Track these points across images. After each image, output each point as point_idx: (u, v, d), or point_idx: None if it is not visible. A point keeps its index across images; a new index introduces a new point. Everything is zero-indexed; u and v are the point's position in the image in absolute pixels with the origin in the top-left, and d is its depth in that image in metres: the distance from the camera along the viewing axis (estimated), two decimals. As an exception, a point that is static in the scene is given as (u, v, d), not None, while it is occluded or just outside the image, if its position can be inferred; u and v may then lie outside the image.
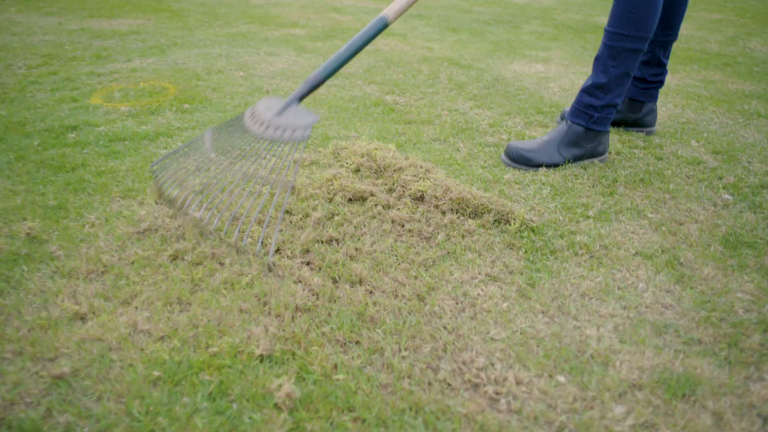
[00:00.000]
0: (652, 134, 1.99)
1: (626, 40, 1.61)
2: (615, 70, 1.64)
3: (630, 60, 1.63)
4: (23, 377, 0.86)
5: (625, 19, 1.60)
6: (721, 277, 1.18)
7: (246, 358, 0.91)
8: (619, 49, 1.62)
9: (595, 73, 1.67)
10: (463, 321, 1.02)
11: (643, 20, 1.59)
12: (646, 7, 1.58)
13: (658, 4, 1.59)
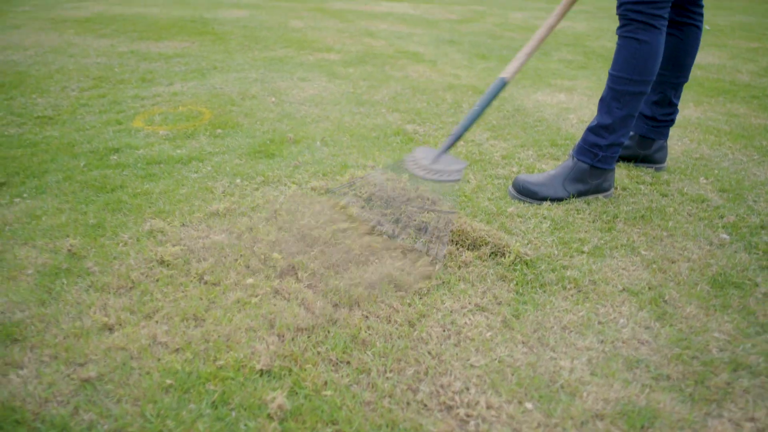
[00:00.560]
0: (661, 170, 2.04)
1: (629, 84, 1.68)
2: (619, 111, 1.71)
3: (633, 102, 1.70)
4: (57, 379, 0.99)
5: (629, 64, 1.67)
6: (702, 316, 1.24)
7: (248, 371, 1.03)
8: (622, 92, 1.70)
9: (600, 114, 1.74)
10: (447, 347, 1.11)
11: (645, 66, 1.67)
12: (648, 53, 1.66)
13: (660, 51, 1.67)
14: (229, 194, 1.72)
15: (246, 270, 1.33)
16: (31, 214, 1.58)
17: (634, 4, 1.63)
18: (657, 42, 1.66)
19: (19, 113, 2.44)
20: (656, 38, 1.66)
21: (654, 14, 1.63)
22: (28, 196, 1.69)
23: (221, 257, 1.38)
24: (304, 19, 5.42)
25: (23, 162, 1.92)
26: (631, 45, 1.67)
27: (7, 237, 1.46)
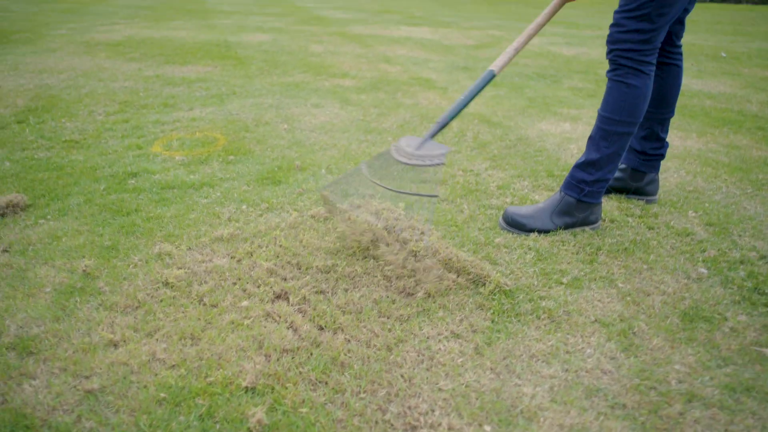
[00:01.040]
0: (652, 203, 2.10)
1: (618, 125, 1.77)
2: (606, 150, 1.79)
3: (620, 141, 1.79)
4: (64, 389, 1.11)
5: (618, 106, 1.76)
6: (668, 348, 1.31)
7: (234, 388, 1.13)
8: (611, 132, 1.78)
9: (588, 151, 1.83)
10: (419, 371, 1.20)
11: (633, 108, 1.75)
12: (637, 97, 1.74)
13: (647, 94, 1.75)
14: (234, 220, 1.84)
15: (242, 293, 1.45)
16: (53, 235, 1.72)
17: (625, 51, 1.71)
18: (645, 86, 1.75)
19: (49, 137, 2.61)
20: (645, 83, 1.74)
21: (643, 60, 1.72)
22: (52, 218, 1.83)
23: (221, 281, 1.50)
24: (324, 43, 5.60)
25: (49, 185, 2.07)
26: (620, 88, 1.75)
27: (30, 256, 1.60)
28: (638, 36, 1.68)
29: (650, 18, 1.65)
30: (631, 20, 1.68)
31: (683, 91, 3.96)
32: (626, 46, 1.71)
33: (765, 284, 1.57)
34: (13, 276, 1.50)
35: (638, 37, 1.68)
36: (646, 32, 1.67)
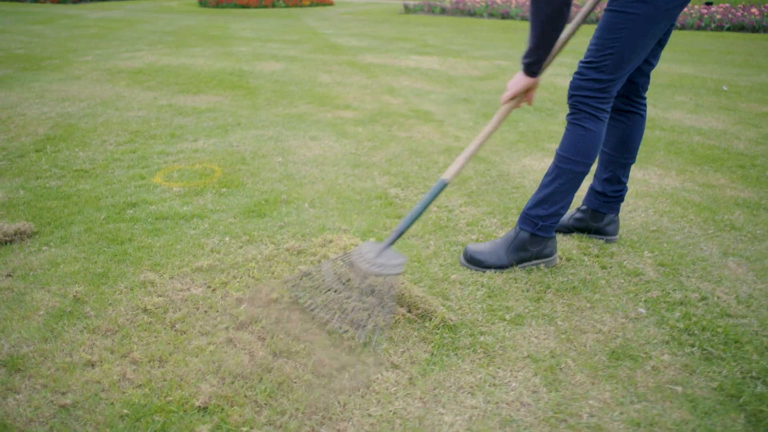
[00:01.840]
0: (612, 242, 2.22)
1: (573, 164, 1.91)
2: (560, 186, 1.94)
3: (575, 180, 1.93)
4: (42, 403, 1.29)
5: (574, 147, 1.91)
6: (588, 384, 1.43)
7: (188, 407, 1.29)
8: (566, 170, 1.92)
9: (543, 187, 1.97)
10: (355, 398, 1.35)
11: (588, 151, 1.90)
12: (592, 140, 1.89)
13: (601, 139, 1.90)
14: (216, 251, 2.02)
15: (211, 321, 1.61)
16: (53, 261, 1.92)
17: (584, 97, 1.87)
18: (600, 131, 1.89)
19: (62, 166, 2.84)
20: (599, 128, 1.89)
21: (599, 107, 1.87)
22: (54, 245, 2.03)
23: (194, 309, 1.67)
24: (333, 73, 5.83)
25: (56, 213, 2.28)
26: (578, 131, 1.90)
27: (30, 281, 1.79)
28: (596, 85, 1.84)
29: (608, 70, 1.80)
30: (591, 70, 1.83)
31: (674, 127, 4.07)
32: (585, 93, 1.86)
33: (696, 325, 1.68)
34: (13, 299, 1.69)
35: (596, 86, 1.84)
36: (603, 82, 1.83)
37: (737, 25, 11.46)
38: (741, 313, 1.76)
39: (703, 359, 1.54)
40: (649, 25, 1.76)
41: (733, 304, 1.81)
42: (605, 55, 1.80)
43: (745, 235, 2.32)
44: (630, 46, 1.77)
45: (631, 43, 1.77)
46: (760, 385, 1.44)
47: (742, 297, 1.85)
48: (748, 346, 1.59)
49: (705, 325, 1.68)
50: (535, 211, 1.97)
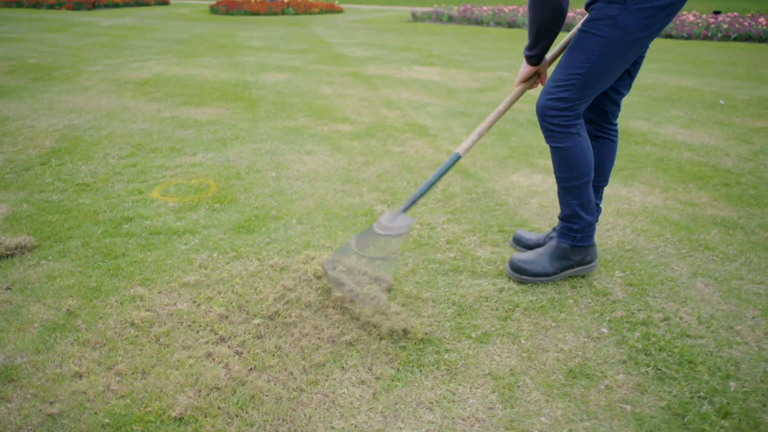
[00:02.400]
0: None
1: (572, 180, 2.01)
2: (574, 202, 2.04)
3: (582, 191, 2.03)
4: (31, 412, 1.40)
5: (564, 166, 2.01)
6: (543, 401, 1.52)
7: (165, 417, 1.40)
8: (569, 187, 2.03)
9: (561, 207, 2.09)
10: (320, 411, 1.45)
11: (576, 164, 1.99)
12: (574, 155, 1.98)
13: (582, 148, 1.97)
14: (204, 267, 2.13)
15: (194, 335, 1.72)
16: (50, 275, 2.04)
17: (552, 117, 1.96)
18: (577, 143, 1.98)
19: (65, 179, 2.97)
20: (575, 141, 1.97)
21: (567, 125, 1.96)
22: (52, 259, 2.15)
23: (178, 323, 1.78)
24: (335, 85, 5.94)
25: (56, 227, 2.41)
26: (557, 152, 2.00)
27: (27, 294, 1.91)
28: (561, 104, 1.92)
29: (575, 90, 1.89)
30: (557, 89, 1.93)
31: (665, 142, 4.13)
32: (551, 113, 1.95)
33: (654, 346, 1.76)
34: (10, 312, 1.81)
35: (561, 105, 1.92)
36: (569, 101, 1.92)
37: (744, 35, 11.45)
38: (700, 334, 1.84)
39: (656, 379, 1.62)
40: (619, 50, 1.84)
41: (694, 324, 1.89)
42: (573, 74, 1.88)
43: (718, 255, 2.39)
44: (598, 69, 1.86)
45: (600, 66, 1.86)
46: (706, 405, 1.52)
47: (703, 318, 1.93)
48: (701, 367, 1.67)
49: (663, 346, 1.76)
50: (568, 226, 2.08)
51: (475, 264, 2.23)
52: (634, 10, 1.77)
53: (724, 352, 1.75)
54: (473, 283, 2.09)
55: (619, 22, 1.79)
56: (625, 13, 1.78)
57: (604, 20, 1.82)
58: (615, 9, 1.80)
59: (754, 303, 2.01)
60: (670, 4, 1.78)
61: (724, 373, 1.65)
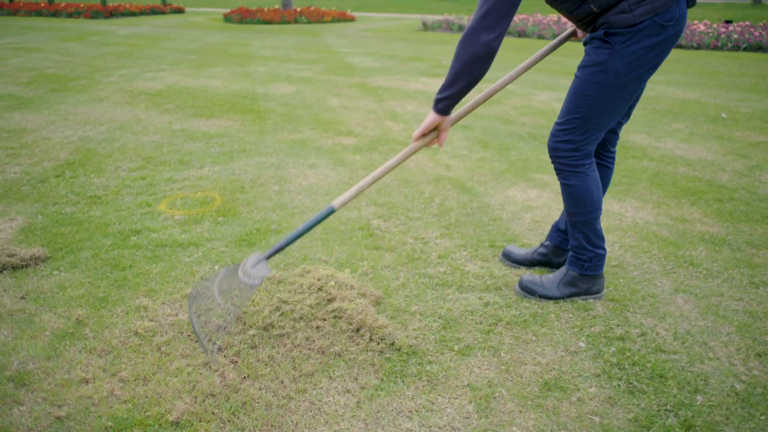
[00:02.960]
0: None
1: (579, 215, 2.10)
2: (581, 236, 2.13)
3: (589, 226, 2.11)
4: (41, 415, 1.52)
5: (572, 202, 2.09)
6: (517, 412, 1.62)
7: (163, 422, 1.51)
8: (576, 221, 2.12)
9: (570, 237, 2.17)
10: (306, 418, 1.56)
11: (584, 202, 2.07)
12: (581, 193, 2.06)
13: (591, 187, 2.05)
14: (205, 278, 2.25)
15: (193, 345, 1.84)
16: (61, 285, 2.17)
17: (561, 158, 2.05)
18: (585, 183, 2.06)
19: (77, 192, 3.12)
20: (583, 180, 2.05)
21: (576, 164, 2.04)
22: (64, 270, 2.29)
23: (179, 333, 1.90)
24: (342, 96, 6.07)
25: (68, 239, 2.55)
26: (566, 189, 2.09)
27: (40, 303, 2.05)
28: (568, 145, 2.01)
29: (578, 132, 1.98)
30: (562, 132, 2.01)
31: (662, 157, 4.20)
32: (560, 154, 2.04)
33: (628, 360, 1.85)
34: (24, 320, 1.94)
35: (568, 147, 2.01)
36: (575, 143, 2.00)
37: (754, 44, 11.44)
38: (674, 349, 1.92)
39: (626, 392, 1.71)
40: (614, 92, 1.90)
41: (670, 340, 1.97)
42: (573, 119, 1.97)
43: (701, 271, 2.47)
44: (597, 111, 1.93)
45: (598, 108, 1.93)
46: (671, 418, 1.61)
47: (679, 333, 2.01)
48: (671, 381, 1.76)
49: (636, 360, 1.85)
50: (577, 255, 2.17)
51: (463, 278, 2.33)
52: (622, 54, 1.82)
53: (696, 367, 1.83)
54: (460, 297, 2.19)
55: (609, 67, 1.85)
56: (614, 57, 1.84)
57: (594, 66, 1.88)
58: (604, 54, 1.86)
59: (730, 319, 2.09)
60: (660, 43, 1.82)
61: (692, 388, 1.73)
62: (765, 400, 1.68)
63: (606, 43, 1.85)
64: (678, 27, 1.83)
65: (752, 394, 1.71)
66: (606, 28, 1.84)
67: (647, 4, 1.77)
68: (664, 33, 1.81)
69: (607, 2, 1.81)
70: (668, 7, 1.79)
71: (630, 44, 1.82)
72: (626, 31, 1.81)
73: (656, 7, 1.77)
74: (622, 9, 1.80)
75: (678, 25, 1.83)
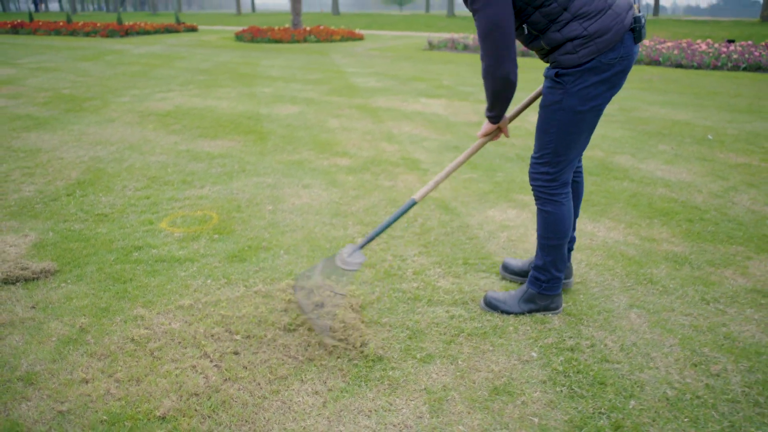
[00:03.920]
0: (567, 287, 2.57)
1: (549, 240, 2.29)
2: (547, 258, 2.32)
3: (556, 251, 2.30)
4: (45, 409, 1.75)
5: (544, 227, 2.29)
6: (465, 413, 1.82)
7: (152, 417, 1.73)
8: (545, 245, 2.31)
9: (536, 258, 2.36)
10: (277, 415, 1.77)
11: (555, 229, 2.26)
12: (555, 220, 2.25)
13: (564, 216, 2.24)
14: (198, 291, 2.48)
15: (182, 350, 2.06)
16: (68, 296, 2.41)
17: (539, 187, 2.24)
18: (559, 211, 2.25)
19: (86, 210, 3.38)
20: (558, 209, 2.25)
21: (554, 193, 2.23)
22: (71, 282, 2.53)
23: (171, 340, 2.12)
24: (342, 117, 6.33)
25: (76, 254, 2.79)
26: (542, 215, 2.29)
27: (48, 313, 2.28)
28: (545, 177, 2.21)
29: (551, 164, 2.17)
30: (537, 165, 2.22)
31: (643, 178, 4.38)
32: (538, 183, 2.24)
33: (573, 369, 2.04)
34: (34, 327, 2.18)
35: (545, 178, 2.21)
36: (550, 174, 2.20)
37: (754, 64, 11.59)
38: (618, 359, 2.11)
39: (567, 397, 1.90)
40: (573, 125, 2.09)
41: (616, 351, 2.16)
42: (545, 153, 2.17)
43: (658, 288, 2.66)
44: (563, 144, 2.13)
45: (564, 141, 2.12)
46: (604, 420, 1.80)
47: (626, 345, 2.20)
48: (609, 387, 1.95)
49: (581, 369, 2.04)
50: (536, 275, 2.36)
51: (434, 293, 2.54)
52: (574, 92, 2.02)
53: (634, 375, 2.02)
54: (429, 310, 2.39)
55: (564, 105, 2.05)
56: (567, 96, 2.03)
57: (551, 105, 2.08)
58: (558, 94, 2.06)
59: (675, 333, 2.28)
60: (609, 78, 2.00)
61: (628, 393, 1.92)
62: (691, 404, 1.87)
63: (558, 83, 2.06)
64: (626, 62, 2.02)
65: (681, 399, 1.89)
66: (556, 67, 2.05)
67: (590, 46, 1.97)
68: (611, 70, 2.01)
69: (555, 41, 2.01)
70: (612, 47, 1.97)
71: (579, 83, 2.02)
72: (573, 71, 2.01)
73: (600, 48, 1.97)
74: (567, 50, 2.00)
75: (625, 60, 2.01)
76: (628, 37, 1.99)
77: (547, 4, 1.94)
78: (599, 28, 1.94)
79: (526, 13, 1.98)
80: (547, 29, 1.99)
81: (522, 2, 1.95)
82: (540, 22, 1.98)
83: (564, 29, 1.97)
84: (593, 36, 1.94)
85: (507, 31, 1.89)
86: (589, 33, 1.94)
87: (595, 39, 1.94)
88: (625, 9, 1.98)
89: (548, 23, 1.98)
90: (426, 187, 2.28)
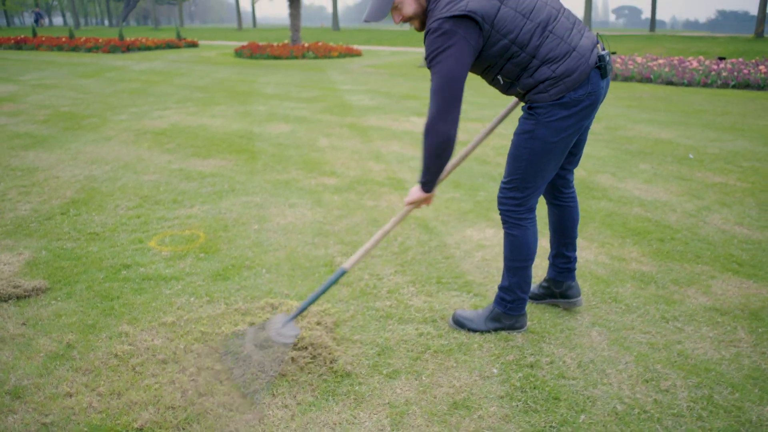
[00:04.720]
0: (576, 305, 2.69)
1: (514, 261, 2.41)
2: (512, 279, 2.43)
3: (521, 273, 2.41)
4: (30, 422, 1.87)
5: (510, 250, 2.40)
6: (424, 426, 1.94)
7: (131, 428, 1.86)
8: (511, 267, 2.43)
9: (502, 278, 2.48)
10: (247, 427, 1.89)
11: (520, 252, 2.38)
12: (520, 244, 2.37)
13: (529, 241, 2.35)
14: (181, 309, 2.61)
15: (162, 366, 2.19)
16: (57, 313, 2.54)
17: (506, 211, 2.36)
18: (524, 235, 2.36)
19: (79, 229, 3.52)
20: (523, 232, 2.36)
21: (519, 218, 2.35)
22: (61, 300, 2.66)
23: (152, 356, 2.25)
24: (332, 137, 6.49)
25: (66, 272, 2.93)
26: (508, 237, 2.41)
27: (38, 329, 2.41)
28: (512, 201, 2.34)
29: (520, 189, 2.30)
30: (506, 190, 2.34)
31: (620, 197, 4.52)
32: (506, 208, 2.37)
33: (530, 384, 2.16)
34: (24, 343, 2.31)
35: (512, 202, 2.34)
36: (518, 199, 2.32)
37: (743, 82, 11.78)
38: (574, 376, 2.23)
39: (522, 411, 2.03)
40: (544, 155, 2.21)
41: (573, 367, 2.29)
42: (514, 179, 2.29)
43: (621, 307, 2.78)
44: (532, 171, 2.25)
45: (533, 169, 2.24)
46: (553, 433, 1.92)
47: (583, 362, 2.32)
48: (563, 402, 2.07)
49: (538, 385, 2.17)
50: (502, 295, 2.48)
51: (405, 311, 2.66)
52: (545, 124, 2.15)
53: (588, 391, 2.14)
54: (399, 327, 2.52)
55: (536, 134, 2.18)
56: (539, 126, 2.17)
57: (524, 134, 2.22)
58: (530, 124, 2.19)
59: (631, 350, 2.40)
60: (578, 112, 2.14)
61: (580, 408, 2.04)
62: (638, 419, 1.99)
63: (531, 115, 2.21)
64: (593, 97, 2.16)
65: (629, 414, 2.01)
66: (530, 103, 2.20)
67: (560, 86, 2.12)
68: (579, 105, 2.16)
69: (528, 85, 2.16)
70: (580, 85, 2.13)
71: (550, 116, 2.16)
72: (545, 105, 2.16)
73: (568, 87, 2.12)
74: (539, 90, 2.15)
75: (593, 95, 2.16)
76: (595, 74, 2.15)
77: (517, 55, 2.10)
78: (566, 69, 2.09)
79: (498, 65, 2.15)
80: (520, 76, 2.15)
81: (493, 58, 2.12)
82: (513, 71, 2.15)
83: (535, 74, 2.12)
84: (561, 77, 2.10)
85: (458, 89, 2.04)
86: (557, 75, 2.10)
87: (564, 79, 2.10)
88: (589, 49, 2.14)
89: (520, 71, 2.14)
90: (355, 255, 2.31)
